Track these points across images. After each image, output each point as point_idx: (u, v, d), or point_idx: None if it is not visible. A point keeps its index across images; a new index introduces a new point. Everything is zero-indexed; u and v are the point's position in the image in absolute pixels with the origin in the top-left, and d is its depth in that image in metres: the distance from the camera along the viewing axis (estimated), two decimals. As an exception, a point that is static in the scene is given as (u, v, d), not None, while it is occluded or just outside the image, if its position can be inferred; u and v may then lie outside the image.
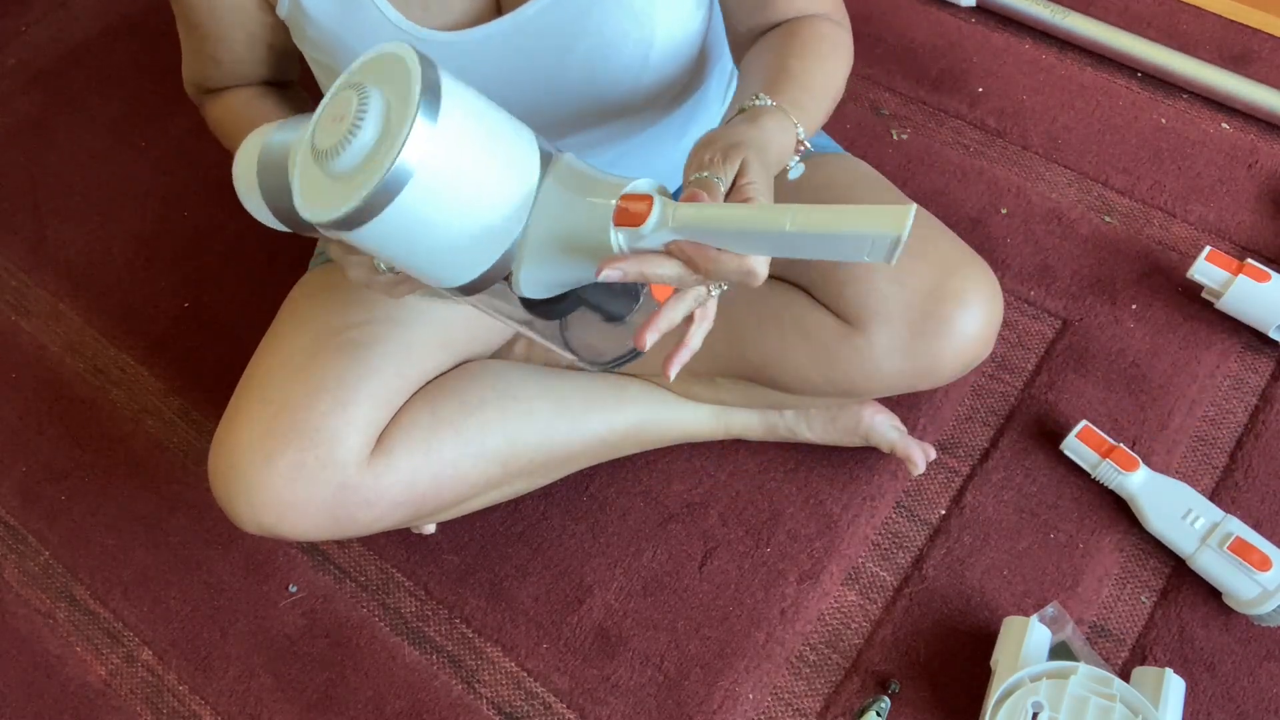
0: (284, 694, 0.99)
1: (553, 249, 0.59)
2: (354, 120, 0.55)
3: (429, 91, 0.55)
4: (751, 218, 0.56)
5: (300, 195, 0.58)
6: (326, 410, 0.83)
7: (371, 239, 0.57)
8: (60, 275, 1.31)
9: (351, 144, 0.55)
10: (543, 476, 1.00)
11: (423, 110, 0.54)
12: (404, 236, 0.57)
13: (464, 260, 0.60)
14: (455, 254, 0.59)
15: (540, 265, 0.60)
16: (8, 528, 1.12)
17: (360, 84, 0.56)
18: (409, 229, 0.56)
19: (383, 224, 0.56)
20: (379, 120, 0.55)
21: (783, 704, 0.95)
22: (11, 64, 1.54)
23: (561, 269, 0.60)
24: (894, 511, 1.04)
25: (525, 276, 0.61)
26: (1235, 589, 0.93)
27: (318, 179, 0.57)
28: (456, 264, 0.60)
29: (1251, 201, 1.22)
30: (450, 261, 0.60)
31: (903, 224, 0.51)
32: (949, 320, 0.83)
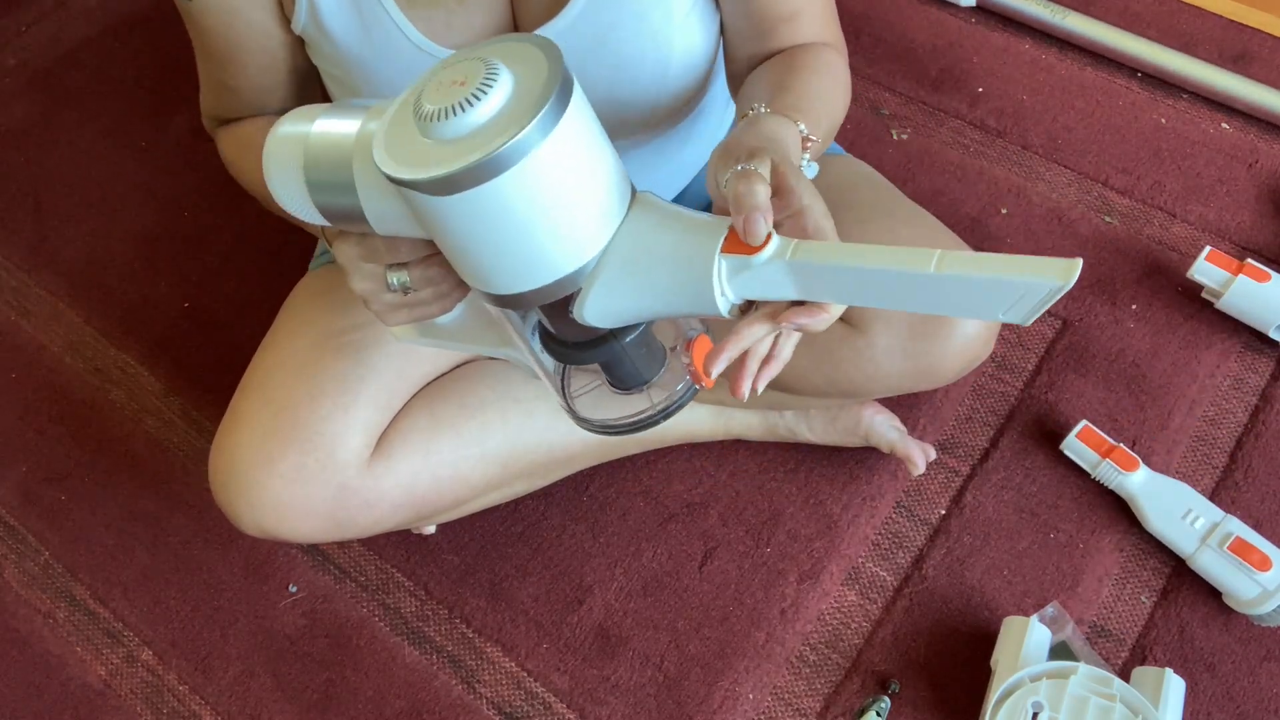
0: (284, 694, 0.99)
1: (634, 274, 0.57)
2: (479, 86, 0.52)
3: (565, 87, 0.53)
4: (888, 257, 0.52)
5: (386, 153, 0.55)
6: (327, 413, 0.83)
7: (451, 216, 0.54)
8: (60, 275, 1.31)
9: (472, 109, 0.52)
10: (543, 477, 1.00)
11: (556, 101, 0.52)
12: (486, 223, 0.54)
13: (535, 266, 0.56)
14: (529, 257, 0.56)
15: (613, 291, 0.57)
16: (8, 528, 1.12)
17: (488, 58, 0.54)
18: (497, 216, 0.53)
19: (475, 200, 0.53)
20: (507, 94, 0.53)
21: (783, 704, 0.95)
22: (11, 64, 1.54)
23: (636, 298, 0.57)
24: (894, 511, 1.04)
25: (594, 300, 0.57)
26: (1235, 589, 0.93)
27: (412, 140, 0.54)
28: (523, 267, 0.56)
29: (1251, 201, 1.22)
30: (521, 263, 0.56)
31: (1071, 275, 0.47)
32: (949, 321, 0.83)
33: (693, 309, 0.57)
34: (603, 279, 0.57)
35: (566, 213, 0.55)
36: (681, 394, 0.64)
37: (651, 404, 0.64)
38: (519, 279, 0.57)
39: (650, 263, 0.56)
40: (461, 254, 0.57)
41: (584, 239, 0.56)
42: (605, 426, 0.66)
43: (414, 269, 0.65)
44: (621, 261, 0.57)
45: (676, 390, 0.64)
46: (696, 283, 0.55)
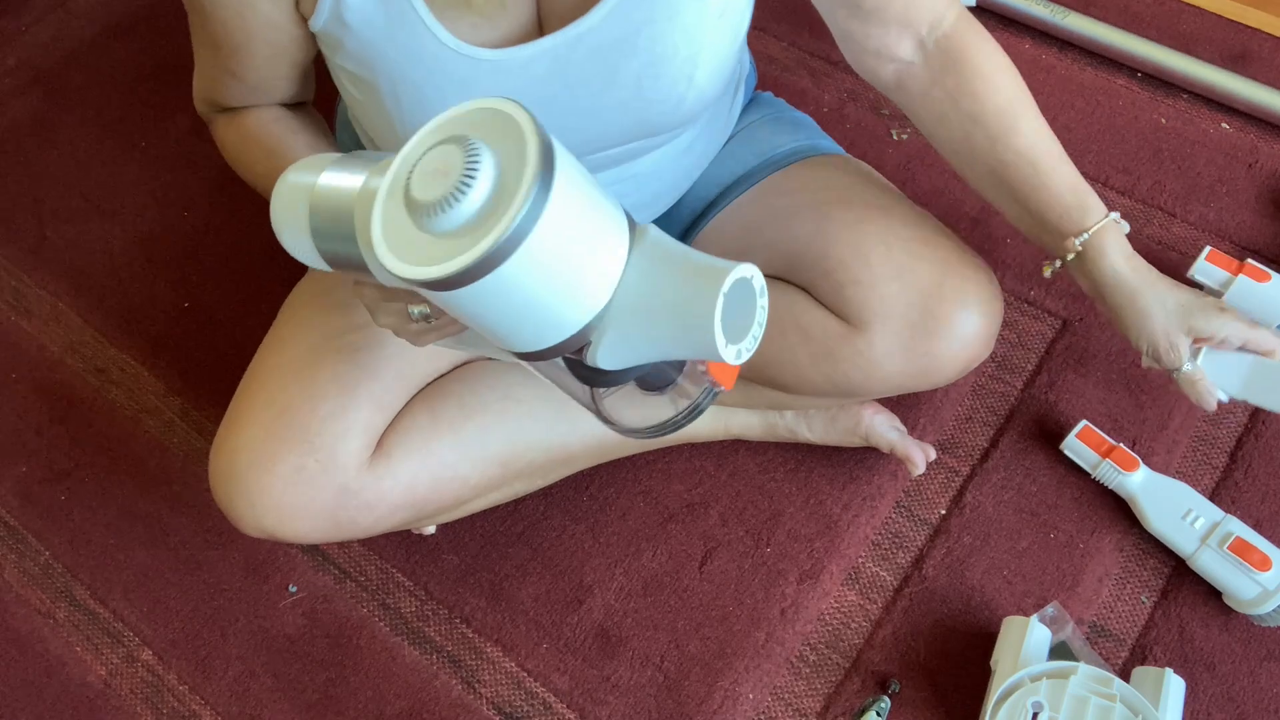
0: (284, 694, 0.99)
1: (642, 321, 0.57)
2: (463, 177, 0.52)
3: (546, 156, 0.52)
4: None
5: (387, 250, 0.55)
6: (327, 414, 0.83)
7: (460, 301, 0.55)
8: (60, 275, 1.31)
9: (461, 202, 0.52)
10: (542, 478, 1.00)
11: (542, 176, 0.52)
12: (494, 302, 0.54)
13: (545, 329, 0.57)
14: (540, 322, 0.57)
15: (624, 339, 0.58)
16: (8, 528, 1.12)
17: (465, 138, 0.53)
18: (504, 295, 0.54)
19: (480, 288, 0.53)
20: (492, 180, 0.52)
21: (783, 704, 0.95)
22: (11, 64, 1.54)
23: (647, 344, 0.58)
24: (894, 511, 1.04)
25: (606, 348, 0.58)
26: (1235, 589, 0.93)
27: (408, 233, 0.54)
28: (537, 332, 0.57)
29: (1251, 201, 1.22)
30: (531, 329, 0.57)
31: None
32: (949, 321, 0.83)
33: (699, 354, 0.58)
34: (612, 328, 0.58)
35: (572, 276, 0.55)
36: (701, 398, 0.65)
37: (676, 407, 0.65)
38: (530, 342, 0.58)
39: (656, 309, 0.57)
40: (479, 326, 0.58)
41: (591, 294, 0.57)
42: (633, 431, 0.67)
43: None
44: (629, 309, 0.57)
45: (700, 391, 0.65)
46: (700, 333, 0.56)
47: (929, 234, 0.86)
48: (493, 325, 0.57)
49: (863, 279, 0.84)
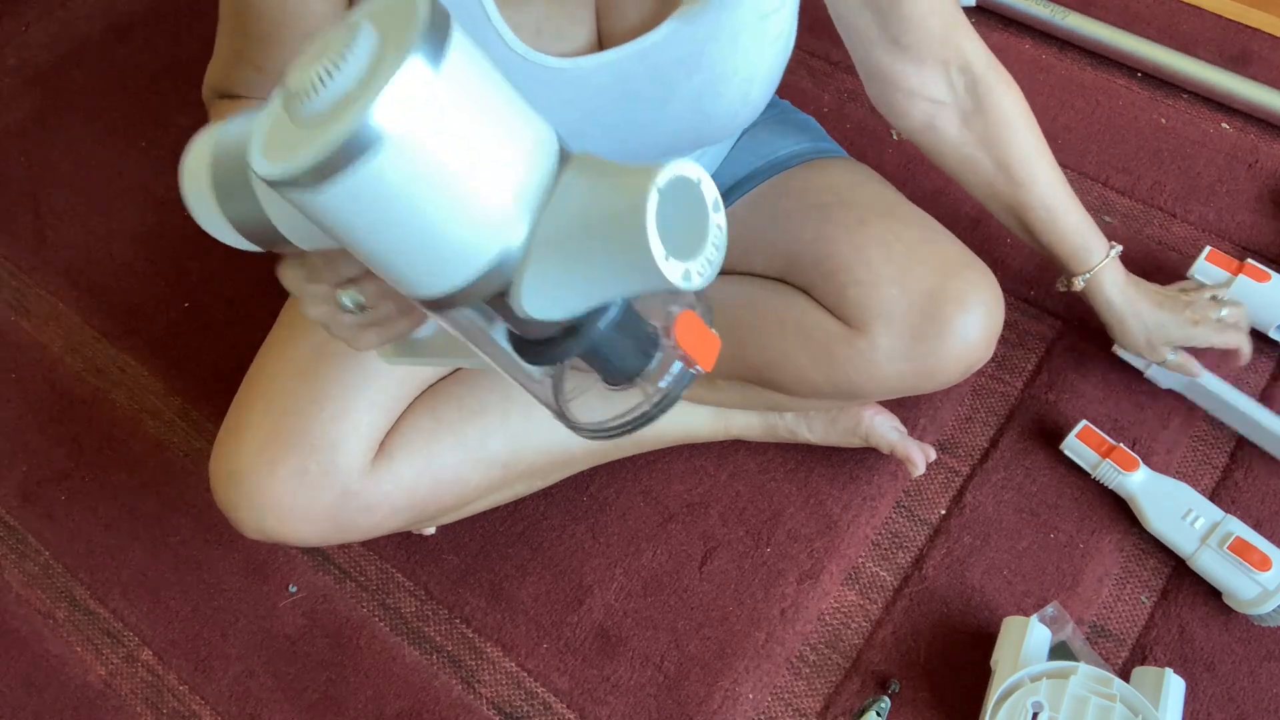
0: (284, 694, 0.99)
1: (570, 253, 0.48)
2: (337, 55, 0.45)
3: (434, 34, 0.44)
4: None
5: (259, 148, 0.48)
6: (329, 417, 0.83)
7: (336, 210, 0.46)
8: (60, 275, 1.31)
9: (330, 82, 0.45)
10: (543, 479, 1.00)
11: (422, 51, 0.44)
12: (377, 212, 0.46)
13: (451, 258, 0.48)
14: (441, 247, 0.48)
15: (550, 274, 0.49)
16: (8, 528, 1.12)
17: (356, 23, 0.46)
18: (385, 201, 0.45)
19: (352, 187, 0.44)
20: (368, 57, 0.45)
21: (783, 704, 0.95)
22: (11, 64, 1.54)
23: (579, 281, 0.49)
24: (894, 511, 1.04)
25: (530, 288, 0.49)
26: (1235, 589, 0.93)
27: (284, 128, 0.47)
28: (441, 261, 0.48)
29: (1251, 201, 1.22)
30: (433, 257, 0.48)
31: None
32: (950, 323, 0.83)
33: (641, 283, 0.48)
34: (535, 264, 0.49)
35: (474, 186, 0.46)
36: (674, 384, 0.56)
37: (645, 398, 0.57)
38: (437, 277, 0.49)
39: (585, 236, 0.48)
40: (366, 256, 0.50)
41: (502, 214, 0.48)
42: (597, 430, 0.59)
43: (364, 284, 0.60)
44: (554, 240, 0.48)
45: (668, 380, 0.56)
46: (634, 246, 0.46)
47: (930, 236, 0.87)
48: (385, 255, 0.49)
49: (864, 281, 0.84)
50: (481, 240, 0.48)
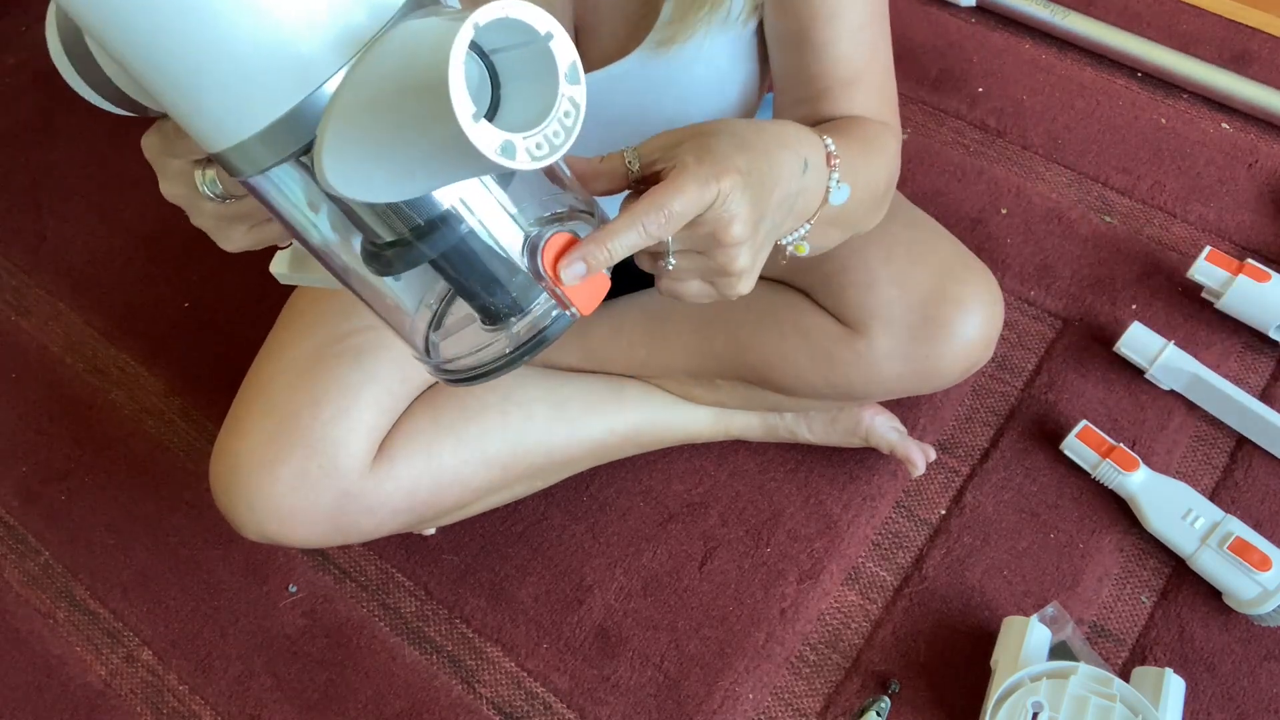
0: (284, 694, 0.99)
1: (377, 111, 0.39)
2: None
3: None
4: None
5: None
6: (329, 419, 0.83)
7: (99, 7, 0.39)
8: (60, 275, 1.31)
9: None
10: (543, 480, 1.00)
11: None
12: (148, 11, 0.38)
13: (241, 93, 0.40)
14: (226, 76, 0.39)
15: (355, 139, 0.39)
16: (8, 528, 1.12)
17: None
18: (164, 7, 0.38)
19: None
20: None
21: (783, 704, 0.95)
22: (11, 64, 1.54)
23: (383, 152, 0.40)
24: (894, 511, 1.04)
25: (332, 152, 0.40)
26: (1235, 589, 0.93)
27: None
28: (229, 96, 0.40)
29: (1251, 201, 1.22)
30: (219, 89, 0.40)
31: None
32: (949, 324, 0.83)
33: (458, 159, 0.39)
34: (338, 120, 0.40)
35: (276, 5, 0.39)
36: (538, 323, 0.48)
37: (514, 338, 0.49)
38: (226, 117, 0.41)
39: (392, 90, 0.39)
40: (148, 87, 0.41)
41: (308, 49, 0.40)
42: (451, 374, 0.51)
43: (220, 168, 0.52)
44: (363, 93, 0.39)
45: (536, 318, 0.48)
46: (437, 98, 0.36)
47: (930, 237, 0.86)
48: (163, 82, 0.41)
49: (863, 282, 0.84)
50: (279, 73, 0.40)
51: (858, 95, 0.75)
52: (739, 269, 0.57)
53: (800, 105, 0.77)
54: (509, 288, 0.47)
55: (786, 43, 0.75)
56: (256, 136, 0.41)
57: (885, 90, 0.77)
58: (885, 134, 0.75)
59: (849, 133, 0.72)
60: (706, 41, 0.74)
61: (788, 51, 0.75)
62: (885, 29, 0.77)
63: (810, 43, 0.73)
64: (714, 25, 0.73)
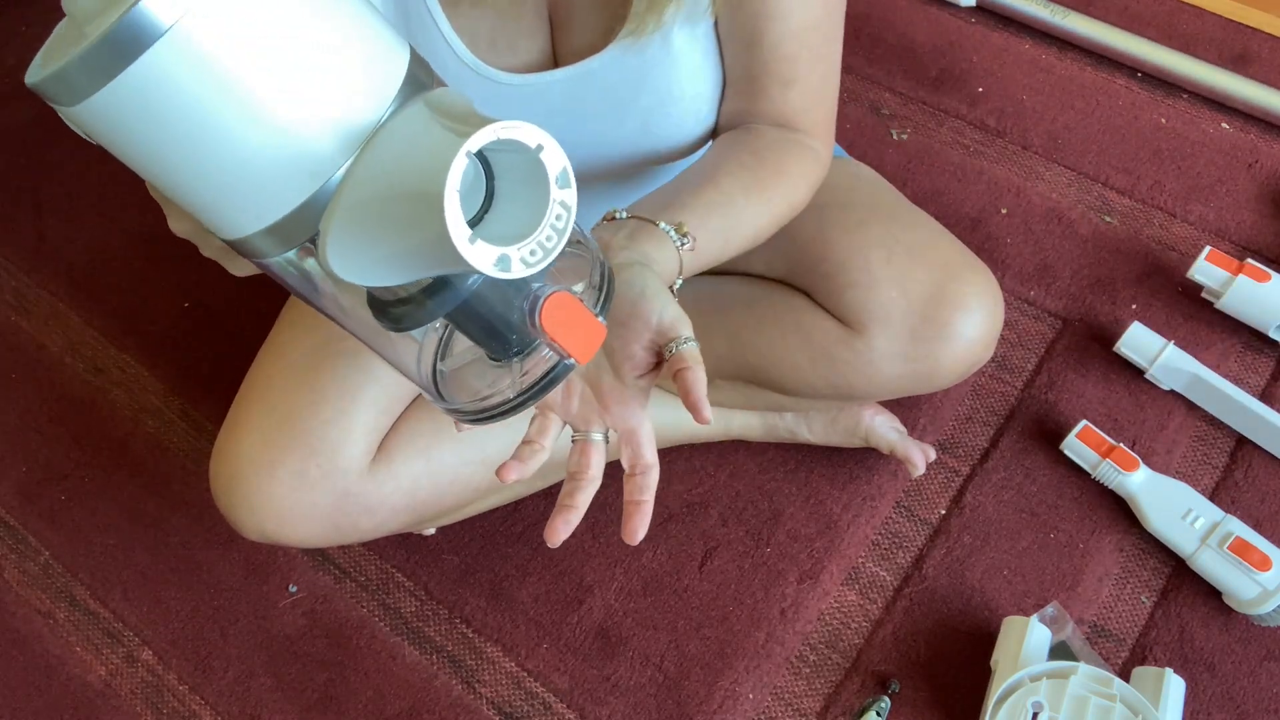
0: (284, 694, 0.99)
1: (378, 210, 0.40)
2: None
3: None
4: None
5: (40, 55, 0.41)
6: (329, 419, 0.83)
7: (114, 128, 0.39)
8: (60, 275, 1.31)
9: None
10: (543, 479, 1.00)
11: None
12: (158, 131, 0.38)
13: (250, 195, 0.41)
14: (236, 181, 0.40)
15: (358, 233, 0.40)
16: (8, 528, 1.12)
17: None
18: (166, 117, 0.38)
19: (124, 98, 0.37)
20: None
21: (783, 704, 0.95)
22: (11, 64, 1.54)
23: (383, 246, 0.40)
24: (894, 511, 1.04)
25: (335, 244, 0.41)
26: (1235, 589, 0.93)
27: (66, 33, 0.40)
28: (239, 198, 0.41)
29: (1251, 201, 1.22)
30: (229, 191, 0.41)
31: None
32: (949, 325, 0.83)
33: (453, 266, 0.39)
34: (343, 215, 0.40)
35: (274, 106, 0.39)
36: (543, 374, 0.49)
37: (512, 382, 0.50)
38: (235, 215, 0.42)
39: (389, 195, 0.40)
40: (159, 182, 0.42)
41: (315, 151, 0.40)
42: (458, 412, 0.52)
43: None
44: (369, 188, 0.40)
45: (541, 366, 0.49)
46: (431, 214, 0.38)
47: (930, 237, 0.86)
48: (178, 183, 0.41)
49: (863, 282, 0.84)
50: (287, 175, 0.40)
51: (793, 96, 0.77)
52: None
53: (740, 99, 0.78)
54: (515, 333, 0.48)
55: (733, 38, 0.76)
56: (265, 230, 0.42)
57: (823, 94, 0.79)
58: (805, 163, 0.77)
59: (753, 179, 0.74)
60: (679, 34, 0.74)
61: (737, 47, 0.76)
62: (835, 33, 0.78)
63: (754, 40, 0.75)
64: (682, 15, 0.73)
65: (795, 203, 0.78)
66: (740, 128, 0.80)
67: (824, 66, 0.78)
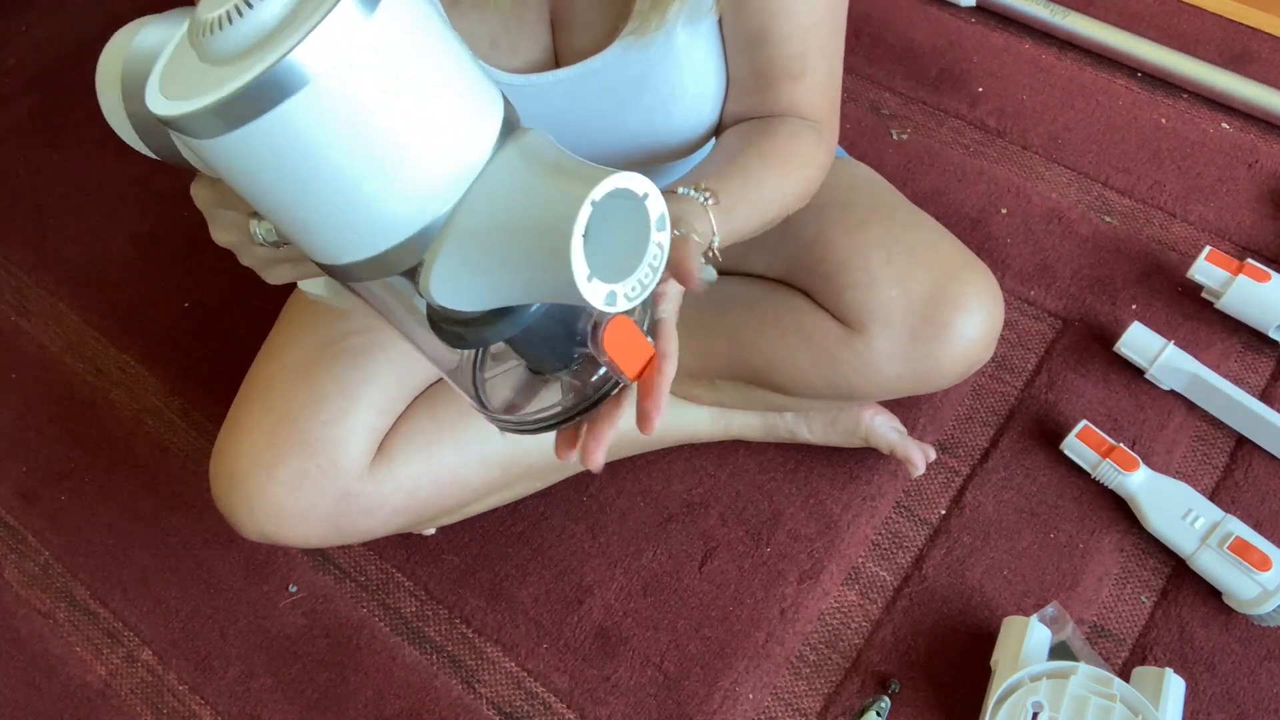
0: (284, 694, 0.99)
1: (490, 243, 0.43)
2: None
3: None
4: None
5: (158, 81, 0.42)
6: (328, 419, 0.83)
7: (236, 161, 0.41)
8: (60, 275, 1.31)
9: (249, 13, 0.39)
10: (543, 480, 1.00)
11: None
12: (282, 166, 0.41)
13: (359, 228, 0.43)
14: (349, 215, 0.43)
15: (463, 263, 0.44)
16: (8, 528, 1.12)
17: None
18: (293, 155, 0.40)
19: (258, 138, 0.39)
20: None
21: (783, 704, 0.95)
22: (11, 64, 1.54)
23: (495, 276, 0.44)
24: (894, 511, 1.04)
25: (440, 274, 0.44)
26: (1235, 589, 0.93)
27: (189, 63, 0.42)
28: (347, 230, 0.43)
29: (1251, 201, 1.22)
30: (339, 225, 0.43)
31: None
32: (949, 325, 0.83)
33: (555, 291, 0.43)
34: (450, 247, 0.43)
35: (396, 150, 0.42)
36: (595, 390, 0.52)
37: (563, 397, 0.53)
38: (341, 246, 0.44)
39: (506, 232, 0.43)
40: (272, 213, 0.44)
41: (426, 188, 0.43)
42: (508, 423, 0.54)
43: None
44: (474, 227, 0.43)
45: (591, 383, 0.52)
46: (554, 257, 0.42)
47: (929, 237, 0.86)
48: (288, 215, 0.43)
49: (862, 282, 0.84)
50: (400, 212, 0.43)
51: (801, 91, 0.78)
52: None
53: (747, 96, 0.79)
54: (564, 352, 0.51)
55: (741, 37, 0.76)
56: (366, 259, 0.44)
57: (829, 86, 0.80)
58: (815, 148, 0.78)
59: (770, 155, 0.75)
60: (682, 32, 0.74)
61: (742, 45, 0.77)
62: (840, 26, 0.79)
63: (762, 38, 0.75)
64: (685, 13, 0.73)
65: (809, 177, 0.79)
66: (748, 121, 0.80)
67: (830, 59, 0.79)
